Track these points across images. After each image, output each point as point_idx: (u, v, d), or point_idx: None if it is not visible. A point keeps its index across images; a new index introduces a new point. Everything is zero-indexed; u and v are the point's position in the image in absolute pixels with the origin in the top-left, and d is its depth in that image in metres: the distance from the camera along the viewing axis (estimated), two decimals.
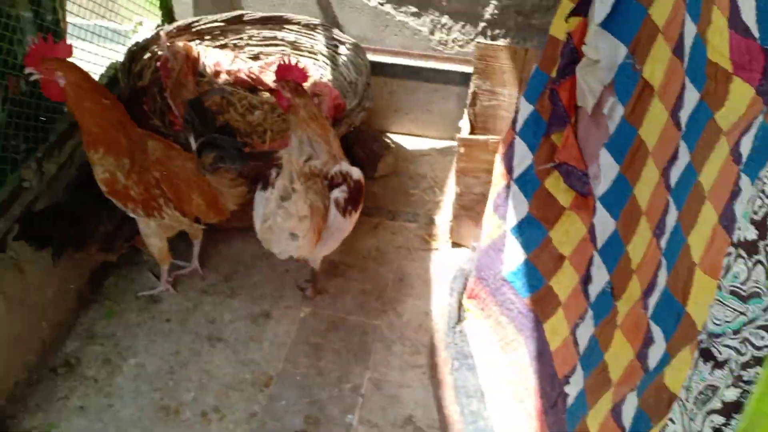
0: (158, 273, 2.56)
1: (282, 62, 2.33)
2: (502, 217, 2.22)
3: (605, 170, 1.83)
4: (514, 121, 2.19)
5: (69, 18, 2.51)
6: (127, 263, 2.60)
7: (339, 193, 2.27)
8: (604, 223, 1.84)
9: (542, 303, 2.16)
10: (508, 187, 2.20)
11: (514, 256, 2.21)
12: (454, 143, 3.27)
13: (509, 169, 2.19)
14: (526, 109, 2.14)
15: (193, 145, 2.12)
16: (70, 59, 1.93)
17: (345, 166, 2.34)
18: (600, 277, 1.85)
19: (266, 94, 2.96)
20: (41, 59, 1.85)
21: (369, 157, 3.04)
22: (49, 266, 2.22)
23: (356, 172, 2.36)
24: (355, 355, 2.36)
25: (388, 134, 3.32)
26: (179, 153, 2.19)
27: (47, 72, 1.87)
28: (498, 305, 2.30)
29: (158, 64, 2.75)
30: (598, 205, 1.86)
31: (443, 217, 2.90)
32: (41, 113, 2.26)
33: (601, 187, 1.84)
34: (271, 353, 2.35)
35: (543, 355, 2.12)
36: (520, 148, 2.16)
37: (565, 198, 2.07)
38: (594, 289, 1.88)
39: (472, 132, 2.82)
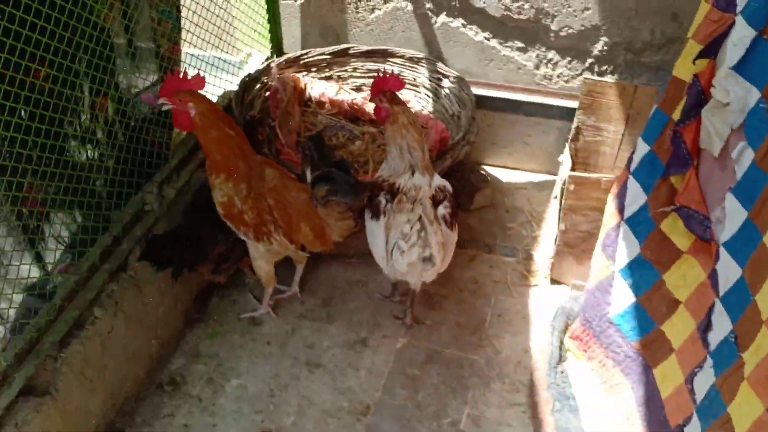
0: (259, 296, 2.62)
1: (377, 76, 2.39)
2: (610, 257, 2.17)
3: (731, 215, 1.76)
4: (629, 161, 2.15)
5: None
6: (231, 285, 2.68)
7: (443, 210, 2.29)
8: (728, 270, 1.77)
9: (652, 347, 2.09)
10: (618, 227, 2.15)
11: (622, 297, 2.15)
12: (551, 177, 3.26)
13: (620, 209, 2.14)
14: (643, 149, 2.09)
15: (309, 177, 2.18)
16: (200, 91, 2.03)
17: (438, 179, 2.37)
18: (722, 325, 1.78)
19: (367, 125, 3.01)
20: (175, 91, 1.95)
21: (466, 188, 3.05)
22: (163, 286, 2.32)
23: (449, 185, 2.40)
24: (452, 390, 2.34)
25: (484, 166, 3.32)
26: (294, 183, 2.25)
27: (180, 103, 1.97)
28: (603, 347, 2.24)
29: (267, 94, 2.85)
30: (722, 251, 1.79)
31: (541, 253, 2.86)
32: (162, 140, 2.37)
33: (726, 233, 1.78)
34: (368, 382, 2.36)
35: (652, 401, 2.05)
36: (633, 188, 2.11)
37: (683, 241, 2.00)
38: (714, 338, 1.81)
39: (572, 168, 2.79)
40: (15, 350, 1.78)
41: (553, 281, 2.72)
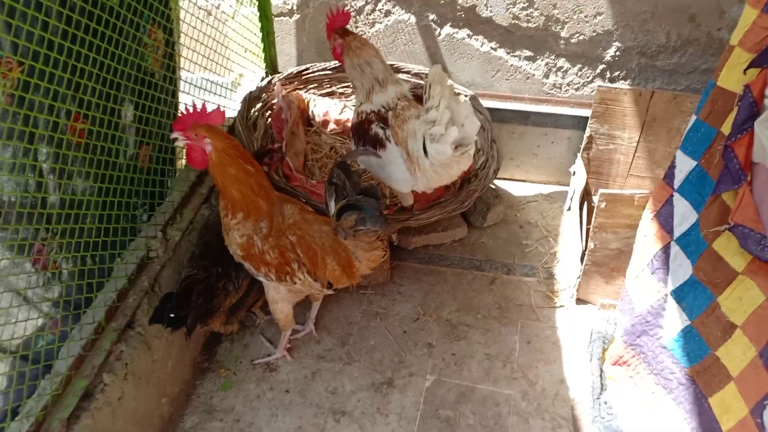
0: (272, 338, 2.43)
1: (327, 20, 2.40)
2: (661, 280, 2.03)
3: None
4: (669, 177, 2.02)
5: None
6: (240, 327, 2.47)
7: None
8: None
9: (706, 374, 1.97)
10: (667, 248, 2.02)
11: (675, 321, 2.02)
12: (562, 188, 3.14)
13: (668, 229, 2.01)
14: (687, 164, 1.96)
15: (333, 207, 1.98)
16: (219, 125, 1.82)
17: (406, 84, 2.43)
18: None
19: None
20: (191, 125, 1.74)
21: (477, 206, 2.89)
22: (170, 338, 2.11)
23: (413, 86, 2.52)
24: (491, 431, 2.17)
25: None
26: (314, 216, 2.06)
27: (196, 139, 1.76)
28: (654, 374, 2.11)
29: (269, 114, 2.64)
30: None
31: (562, 270, 2.72)
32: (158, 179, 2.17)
33: None
34: (400, 428, 2.18)
35: None
36: (681, 205, 1.98)
37: (739, 262, 1.88)
38: None
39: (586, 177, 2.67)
40: None
41: (579, 301, 2.59)
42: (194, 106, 1.79)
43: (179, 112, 2.29)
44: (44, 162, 1.67)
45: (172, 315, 1.83)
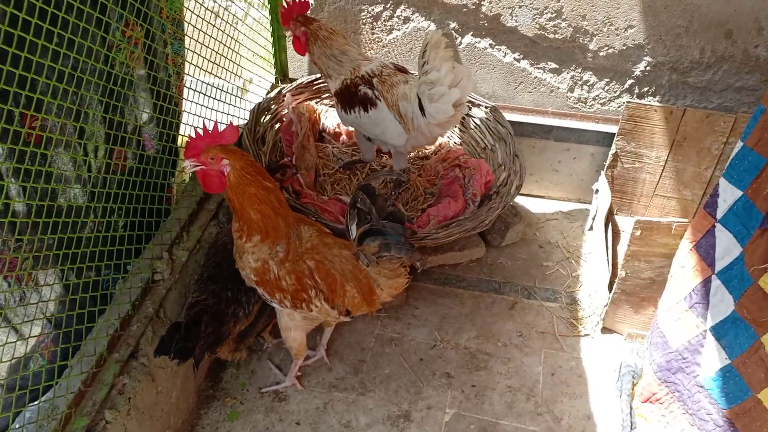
0: (280, 363, 2.29)
1: (282, 8, 2.31)
2: (700, 315, 1.90)
3: None
4: (711, 206, 1.89)
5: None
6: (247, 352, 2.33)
7: None
8: None
9: (746, 418, 1.84)
10: (707, 281, 1.89)
11: (713, 359, 1.89)
12: (582, 205, 3.01)
13: (709, 262, 1.88)
14: (732, 193, 1.83)
15: (354, 232, 1.84)
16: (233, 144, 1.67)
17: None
18: None
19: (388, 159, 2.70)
20: (204, 149, 1.60)
21: (496, 224, 2.76)
22: (174, 368, 1.96)
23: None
24: None
25: None
26: (333, 239, 1.91)
27: (212, 162, 1.62)
28: (689, 414, 1.98)
29: (279, 126, 2.50)
30: None
31: (586, 295, 2.59)
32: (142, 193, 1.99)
33: None
34: None
35: None
36: (724, 237, 1.85)
37: None
38: None
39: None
40: None
41: (605, 330, 2.46)
42: (204, 128, 1.64)
43: (179, 120, 2.15)
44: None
45: (178, 343, 1.69)
